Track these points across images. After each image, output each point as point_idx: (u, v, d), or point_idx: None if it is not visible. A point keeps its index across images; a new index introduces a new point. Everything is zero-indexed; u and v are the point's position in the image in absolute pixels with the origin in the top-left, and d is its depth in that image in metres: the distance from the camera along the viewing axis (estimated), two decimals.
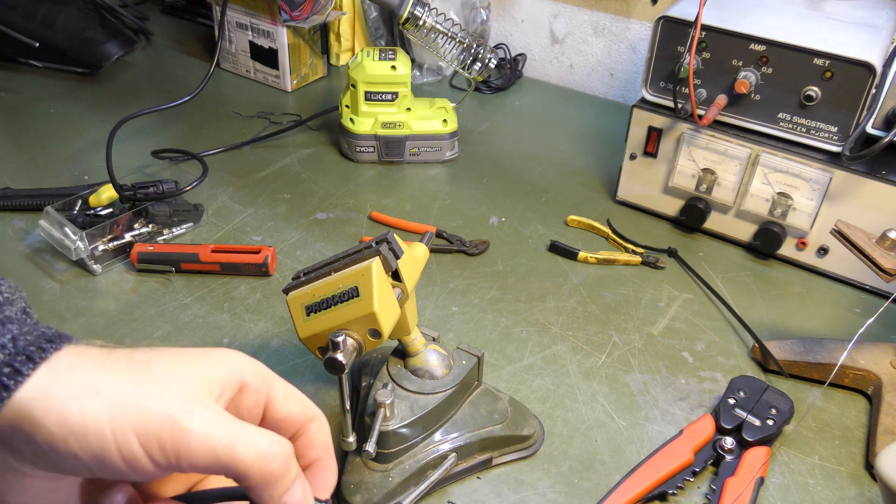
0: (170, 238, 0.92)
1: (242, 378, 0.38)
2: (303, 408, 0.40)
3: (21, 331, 0.34)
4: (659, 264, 0.91)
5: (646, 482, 0.64)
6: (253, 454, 0.34)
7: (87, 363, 0.33)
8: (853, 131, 0.82)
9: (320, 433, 0.41)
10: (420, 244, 0.65)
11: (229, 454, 0.33)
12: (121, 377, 0.33)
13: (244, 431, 0.34)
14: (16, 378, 0.32)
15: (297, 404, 0.40)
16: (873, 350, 0.75)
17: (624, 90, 1.32)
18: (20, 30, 1.22)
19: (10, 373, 0.32)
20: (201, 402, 0.34)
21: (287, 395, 0.40)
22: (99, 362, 0.34)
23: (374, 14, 1.32)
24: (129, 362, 0.34)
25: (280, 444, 0.35)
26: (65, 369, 0.33)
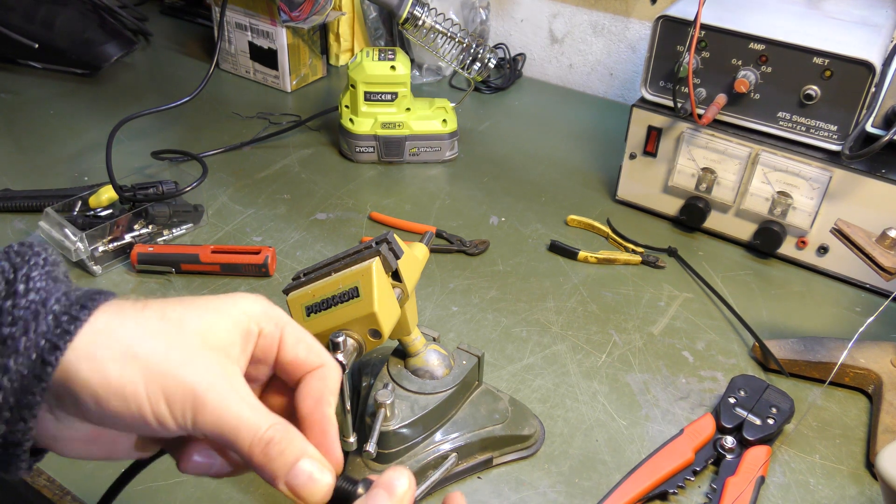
0: (170, 239, 0.92)
1: (259, 327, 0.40)
2: (309, 353, 0.41)
3: (69, 288, 0.37)
4: (659, 264, 0.91)
5: (646, 481, 0.64)
6: (250, 441, 0.36)
7: (125, 322, 0.36)
8: (853, 130, 0.82)
9: (322, 383, 0.41)
10: (420, 244, 0.65)
11: (233, 435, 0.36)
12: (156, 340, 0.36)
13: (250, 414, 0.36)
14: (76, 323, 0.35)
15: (304, 349, 0.41)
16: (873, 349, 0.75)
17: (623, 90, 1.32)
18: (20, 31, 1.22)
19: (69, 319, 0.35)
20: (224, 377, 0.37)
21: (297, 340, 0.41)
22: (134, 321, 0.36)
23: (374, 14, 1.32)
24: (162, 321, 0.37)
25: (277, 430, 0.37)
26: (104, 329, 0.36)
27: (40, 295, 0.36)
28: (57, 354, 0.34)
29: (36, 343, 0.34)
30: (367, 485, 0.39)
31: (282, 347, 0.41)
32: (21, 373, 0.34)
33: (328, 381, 0.42)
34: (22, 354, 0.34)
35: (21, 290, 0.35)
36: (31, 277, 0.36)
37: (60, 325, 0.35)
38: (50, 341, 0.34)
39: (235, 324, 0.39)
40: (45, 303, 0.35)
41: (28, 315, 0.35)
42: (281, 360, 0.41)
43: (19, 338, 0.34)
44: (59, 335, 0.35)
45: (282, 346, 0.41)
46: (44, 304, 0.35)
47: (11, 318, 0.34)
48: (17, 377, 0.34)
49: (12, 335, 0.34)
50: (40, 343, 0.34)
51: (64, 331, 0.35)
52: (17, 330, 0.34)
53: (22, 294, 0.35)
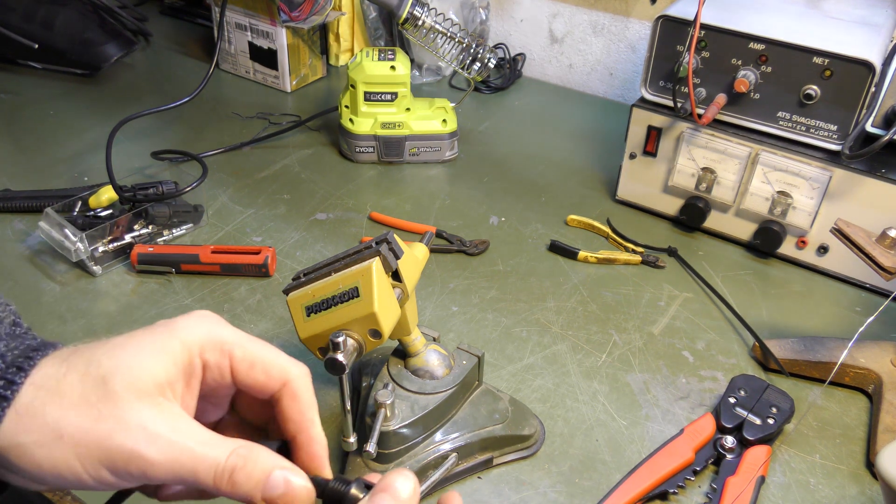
0: (170, 239, 0.92)
1: (203, 359, 0.38)
2: (268, 376, 0.39)
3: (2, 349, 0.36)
4: (659, 263, 0.91)
5: (647, 481, 0.64)
6: (213, 474, 0.35)
7: (46, 396, 0.34)
8: (853, 130, 0.82)
9: (294, 402, 0.39)
10: (420, 244, 0.65)
11: (192, 477, 0.35)
12: (79, 410, 0.34)
13: (203, 451, 0.35)
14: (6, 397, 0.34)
15: (261, 372, 0.39)
16: (873, 348, 0.75)
17: (623, 89, 1.32)
18: (19, 31, 1.22)
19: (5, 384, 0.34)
20: (164, 421, 0.35)
21: (251, 364, 0.39)
22: (57, 389, 0.35)
23: (374, 14, 1.32)
24: (84, 383, 0.35)
25: (239, 455, 0.35)
26: (26, 412, 0.34)
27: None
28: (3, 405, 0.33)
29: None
30: (361, 485, 0.38)
31: (236, 373, 0.39)
32: None
33: (299, 398, 0.39)
34: None
35: None
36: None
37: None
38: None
39: (172, 361, 0.37)
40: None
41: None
42: (240, 385, 0.39)
43: None
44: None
45: (235, 371, 0.39)
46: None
47: None
48: None
49: None
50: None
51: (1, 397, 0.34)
52: None
53: None
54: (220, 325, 0.39)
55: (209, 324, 0.39)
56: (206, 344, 0.38)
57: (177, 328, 0.38)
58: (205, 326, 0.38)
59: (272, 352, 0.40)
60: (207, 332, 0.38)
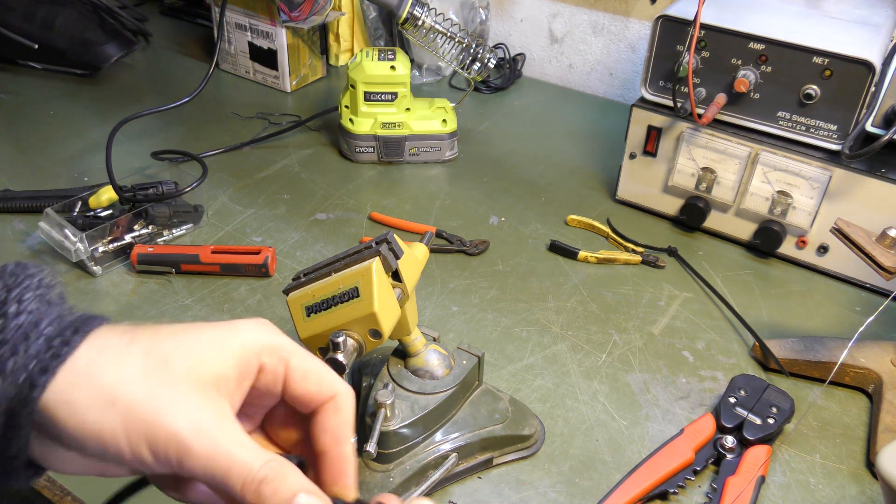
0: (170, 239, 0.92)
1: (258, 363, 0.39)
2: (321, 388, 0.40)
3: (63, 311, 0.37)
4: (659, 263, 0.91)
5: (647, 481, 0.64)
6: (242, 482, 0.35)
7: (107, 363, 0.35)
8: (852, 129, 0.82)
9: (337, 416, 0.40)
10: (420, 244, 0.65)
11: (223, 478, 0.35)
12: (138, 384, 0.35)
13: (241, 454, 0.35)
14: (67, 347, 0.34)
15: (315, 383, 0.40)
16: (874, 348, 0.75)
17: (623, 89, 1.32)
18: (19, 32, 1.22)
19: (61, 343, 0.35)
20: (212, 416, 0.36)
21: (306, 374, 0.40)
22: (119, 359, 0.35)
23: (373, 14, 1.32)
24: (146, 359, 0.36)
25: (271, 468, 0.36)
26: (84, 370, 0.34)
27: (32, 317, 0.35)
28: (47, 377, 0.34)
29: (25, 365, 0.34)
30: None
31: (289, 381, 0.39)
32: (7, 395, 0.33)
33: (342, 413, 0.40)
34: (9, 376, 0.33)
35: (12, 311, 0.35)
36: (23, 299, 0.36)
37: (52, 348, 0.34)
38: (40, 364, 0.34)
39: (231, 356, 0.37)
40: (36, 325, 0.35)
41: (18, 337, 0.34)
42: (290, 394, 0.40)
43: (7, 359, 0.33)
44: (50, 358, 0.34)
45: (289, 380, 0.39)
46: (35, 325, 0.35)
47: (1, 340, 0.34)
48: (4, 399, 0.33)
49: (1, 356, 0.33)
50: (30, 365, 0.34)
51: (55, 354, 0.34)
52: (6, 351, 0.34)
53: (13, 315, 0.35)
54: (278, 333, 0.40)
55: (269, 330, 0.40)
56: (266, 348, 0.39)
57: (239, 328, 0.39)
58: (265, 332, 0.39)
59: (324, 366, 0.41)
60: (268, 337, 0.39)
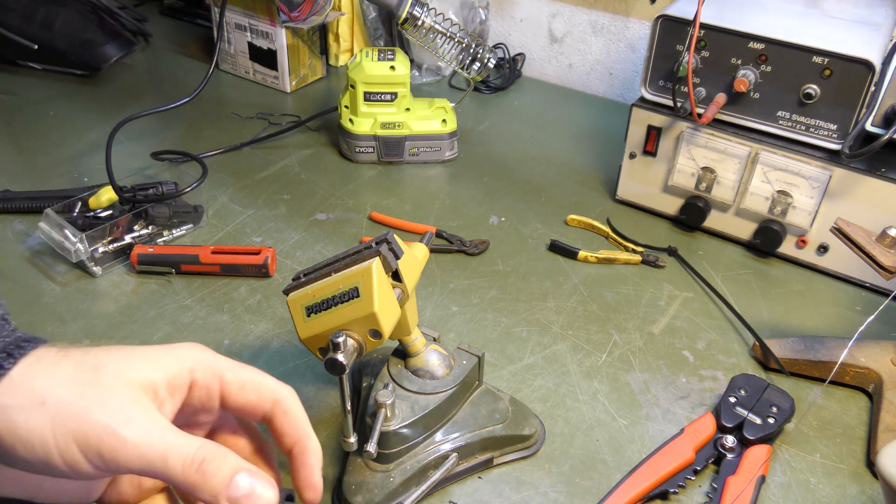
0: (170, 239, 0.92)
1: (190, 377, 0.40)
2: (259, 396, 0.41)
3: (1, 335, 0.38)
4: (659, 263, 0.91)
5: (647, 481, 0.64)
6: (182, 463, 0.36)
7: (40, 370, 0.36)
8: (852, 129, 0.82)
9: (287, 417, 0.41)
10: (420, 244, 0.65)
11: (161, 463, 0.36)
12: (67, 386, 0.36)
13: (175, 439, 0.36)
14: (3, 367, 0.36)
15: (252, 392, 0.41)
16: (874, 348, 0.75)
17: (623, 89, 1.32)
18: (19, 32, 1.22)
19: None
20: (142, 410, 0.36)
21: (242, 385, 0.41)
22: (51, 369, 0.36)
23: (373, 14, 1.32)
24: (78, 367, 0.37)
25: (209, 449, 0.37)
26: (17, 379, 0.35)
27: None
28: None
29: None
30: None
31: (227, 395, 0.41)
32: None
33: (291, 414, 0.41)
34: None
35: None
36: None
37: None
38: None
39: (162, 368, 0.39)
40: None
41: None
42: (232, 407, 0.41)
43: None
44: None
45: (226, 393, 0.41)
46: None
47: None
48: None
49: None
50: None
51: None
52: None
53: None
54: (213, 354, 0.41)
55: (203, 351, 0.41)
56: (199, 364, 0.40)
57: (172, 348, 0.40)
58: (198, 351, 0.41)
59: (260, 374, 0.42)
60: (201, 355, 0.40)
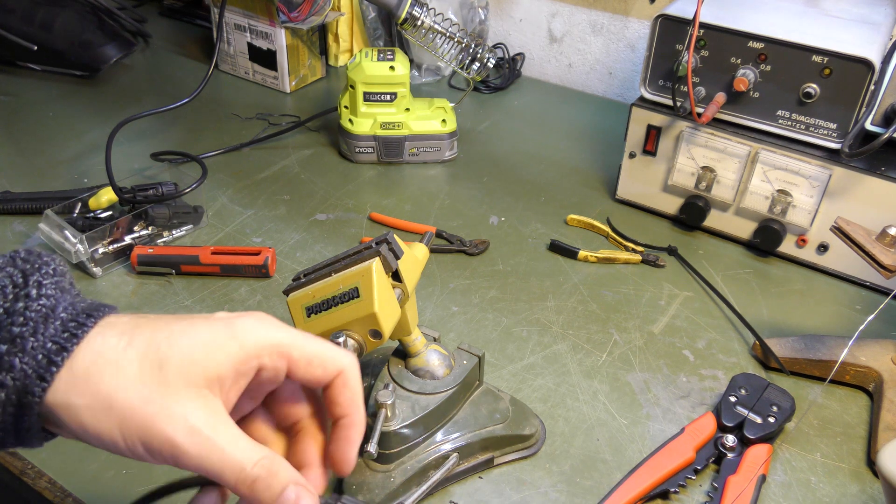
0: (170, 240, 0.92)
1: (258, 363, 0.40)
2: (325, 370, 0.41)
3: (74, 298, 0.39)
4: (659, 262, 0.91)
5: (647, 480, 0.64)
6: (236, 478, 0.37)
7: (105, 367, 0.37)
8: (852, 128, 0.82)
9: (345, 389, 0.42)
10: (420, 244, 0.65)
11: (218, 475, 0.37)
12: (132, 388, 0.36)
13: (233, 454, 0.37)
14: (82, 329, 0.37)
15: (319, 367, 0.41)
16: (874, 347, 0.75)
17: (623, 89, 1.32)
18: (18, 33, 1.22)
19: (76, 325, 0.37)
20: (205, 416, 0.37)
21: (309, 362, 0.41)
22: (115, 367, 0.37)
23: (373, 15, 1.32)
24: (142, 363, 0.37)
25: (263, 466, 0.38)
26: (82, 375, 0.36)
27: (50, 301, 0.37)
28: (63, 356, 0.36)
29: (43, 345, 0.36)
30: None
31: (294, 371, 0.41)
32: (25, 372, 0.35)
33: (349, 386, 0.42)
34: (28, 354, 0.35)
35: (34, 293, 0.37)
36: (42, 284, 0.38)
37: (67, 329, 0.36)
38: (57, 343, 0.36)
39: (227, 359, 0.38)
40: (53, 309, 0.37)
41: (38, 318, 0.36)
42: (297, 379, 0.42)
43: (28, 338, 0.35)
44: (67, 338, 0.36)
45: (293, 369, 0.41)
46: (53, 310, 0.37)
47: (23, 319, 0.36)
48: (21, 376, 0.35)
49: (22, 335, 0.35)
50: (47, 345, 0.36)
51: (71, 334, 0.36)
52: (27, 330, 0.36)
53: (34, 298, 0.37)
54: (276, 328, 0.41)
55: (268, 326, 0.41)
56: (266, 348, 0.40)
57: (236, 329, 0.39)
58: (263, 330, 0.40)
59: (325, 346, 0.42)
60: (266, 335, 0.40)
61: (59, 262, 0.40)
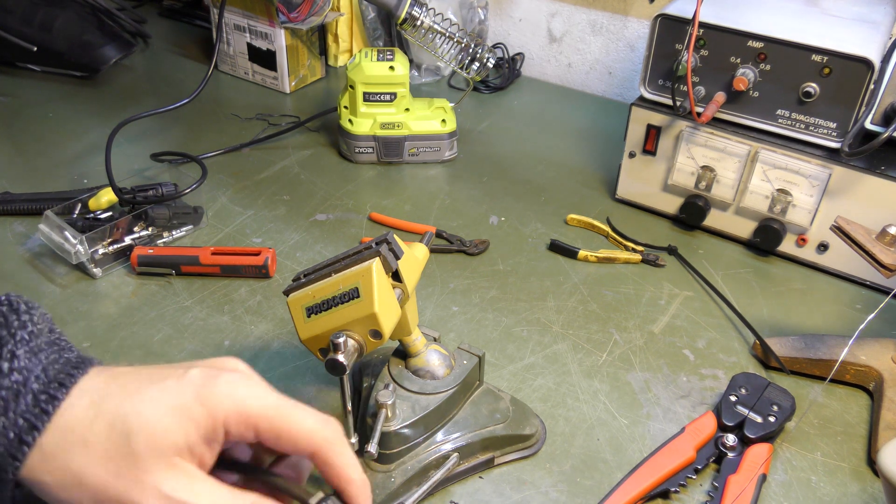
0: (170, 241, 0.92)
1: (224, 430, 0.38)
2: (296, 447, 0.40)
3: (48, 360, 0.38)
4: (659, 262, 0.91)
5: (648, 480, 0.64)
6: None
7: (73, 445, 0.36)
8: (852, 127, 0.82)
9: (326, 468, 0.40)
10: (420, 244, 0.65)
11: None
12: (101, 467, 0.36)
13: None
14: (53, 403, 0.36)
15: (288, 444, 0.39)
16: (874, 346, 0.75)
17: (622, 88, 1.32)
18: (18, 34, 1.22)
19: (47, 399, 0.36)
20: (178, 484, 0.37)
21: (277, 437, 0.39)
22: (83, 444, 0.36)
23: (372, 15, 1.32)
24: (110, 435, 0.37)
25: None
26: (51, 454, 0.36)
27: (22, 375, 0.36)
28: (34, 434, 0.36)
29: (14, 423, 0.36)
30: None
31: (262, 443, 0.40)
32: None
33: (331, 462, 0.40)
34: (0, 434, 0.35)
35: (5, 368, 0.36)
36: (15, 355, 0.37)
37: (38, 404, 0.36)
38: (28, 421, 0.36)
39: (195, 427, 0.38)
40: (25, 383, 0.36)
41: (9, 395, 0.36)
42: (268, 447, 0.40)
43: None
44: (37, 415, 0.36)
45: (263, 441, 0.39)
46: (24, 384, 0.36)
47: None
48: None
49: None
50: (18, 422, 0.36)
51: (42, 410, 0.36)
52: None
53: (6, 373, 0.36)
54: (250, 394, 0.39)
55: (241, 392, 0.39)
56: (231, 416, 0.38)
57: (206, 394, 0.38)
58: (231, 396, 0.38)
59: (299, 419, 0.39)
60: (233, 404, 0.38)
61: (38, 315, 0.39)
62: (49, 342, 0.39)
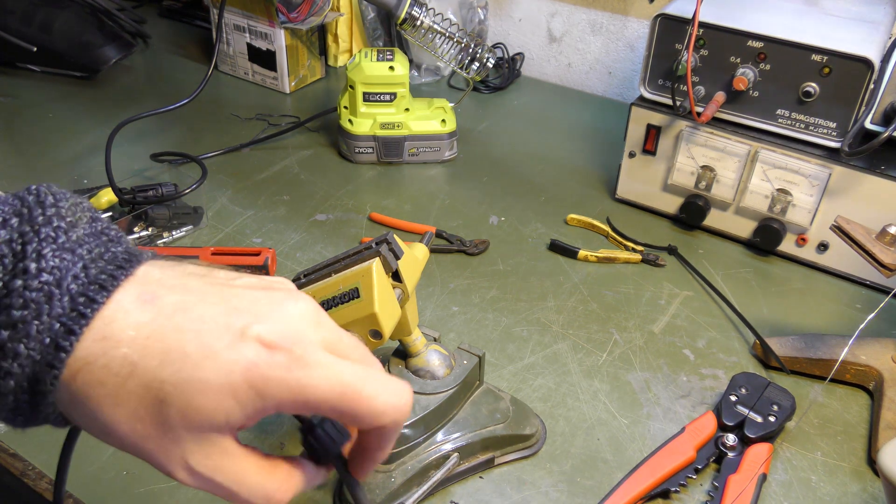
0: (170, 241, 0.92)
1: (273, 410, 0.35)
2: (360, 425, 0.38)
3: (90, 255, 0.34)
4: (659, 262, 0.91)
5: (648, 480, 0.64)
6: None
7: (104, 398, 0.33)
8: (852, 127, 0.82)
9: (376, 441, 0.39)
10: (420, 244, 0.65)
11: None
12: (128, 425, 0.34)
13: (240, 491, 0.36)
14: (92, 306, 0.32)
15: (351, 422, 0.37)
16: (874, 345, 0.75)
17: (622, 88, 1.32)
18: (18, 34, 1.22)
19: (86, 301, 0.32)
20: (207, 459, 0.35)
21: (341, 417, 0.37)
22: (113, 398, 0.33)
23: (372, 15, 1.32)
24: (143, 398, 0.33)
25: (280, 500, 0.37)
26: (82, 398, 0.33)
27: (54, 275, 0.32)
28: (72, 339, 0.32)
29: (49, 326, 0.32)
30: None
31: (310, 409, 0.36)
32: (33, 358, 0.32)
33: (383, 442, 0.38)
34: (34, 339, 0.32)
35: (33, 269, 0.32)
36: (42, 254, 0.32)
37: (76, 307, 0.32)
38: (65, 325, 0.32)
39: (241, 410, 0.34)
40: (59, 283, 0.32)
41: (41, 298, 0.32)
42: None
43: (31, 322, 0.31)
44: (75, 319, 0.32)
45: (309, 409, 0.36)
46: (58, 284, 0.32)
47: (22, 301, 0.31)
48: (29, 363, 0.32)
49: (24, 318, 0.31)
50: (54, 327, 0.32)
51: (80, 314, 0.32)
52: (30, 314, 0.31)
53: (34, 274, 0.32)
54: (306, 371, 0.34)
55: (291, 372, 0.34)
56: (286, 403, 0.34)
57: (253, 377, 0.33)
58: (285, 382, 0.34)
59: (366, 403, 0.35)
60: (288, 392, 0.34)
61: (67, 207, 0.34)
62: (92, 234, 0.35)
